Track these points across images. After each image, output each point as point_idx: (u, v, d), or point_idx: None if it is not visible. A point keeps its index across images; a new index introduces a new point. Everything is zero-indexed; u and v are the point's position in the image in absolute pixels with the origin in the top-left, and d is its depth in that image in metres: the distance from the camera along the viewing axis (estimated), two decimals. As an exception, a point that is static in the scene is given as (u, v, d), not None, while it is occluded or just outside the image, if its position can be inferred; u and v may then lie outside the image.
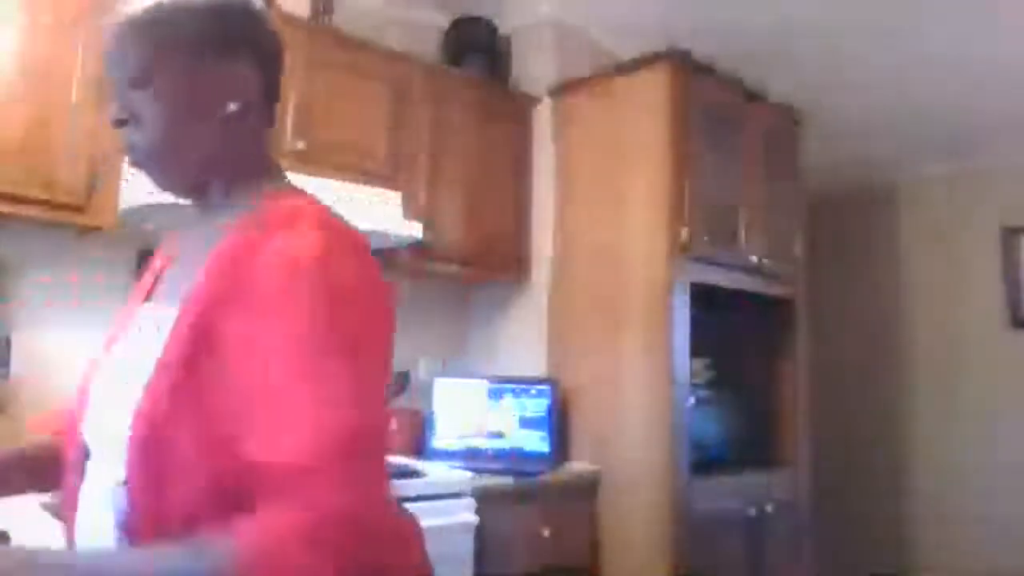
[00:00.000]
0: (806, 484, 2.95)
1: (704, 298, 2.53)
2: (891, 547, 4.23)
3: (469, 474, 2.23)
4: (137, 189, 1.85)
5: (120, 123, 0.79)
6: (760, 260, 2.77)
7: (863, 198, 4.61)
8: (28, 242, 1.98)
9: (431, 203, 2.56)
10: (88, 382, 0.82)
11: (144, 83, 0.77)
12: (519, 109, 2.92)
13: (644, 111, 2.59)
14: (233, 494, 0.65)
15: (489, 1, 2.93)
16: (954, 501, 4.06)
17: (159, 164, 0.80)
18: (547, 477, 2.42)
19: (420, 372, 2.79)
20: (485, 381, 2.63)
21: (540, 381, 2.63)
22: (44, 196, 1.77)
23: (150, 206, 1.87)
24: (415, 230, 2.33)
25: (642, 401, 2.46)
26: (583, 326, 2.67)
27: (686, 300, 2.47)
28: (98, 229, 1.88)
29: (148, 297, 0.88)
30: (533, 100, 2.94)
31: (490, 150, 2.78)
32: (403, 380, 2.64)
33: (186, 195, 0.85)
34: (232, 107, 0.79)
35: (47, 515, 1.34)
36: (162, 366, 0.71)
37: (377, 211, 2.28)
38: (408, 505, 1.40)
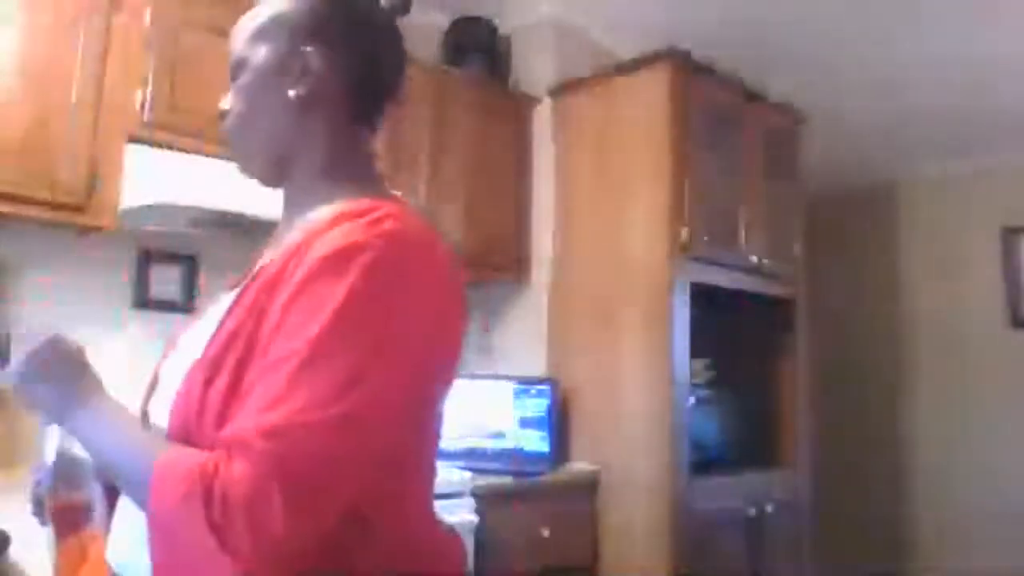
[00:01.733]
0: (806, 484, 2.95)
1: (704, 298, 2.53)
2: (891, 547, 4.23)
3: (469, 474, 2.23)
4: (137, 189, 1.86)
5: (223, 114, 0.85)
6: (760, 260, 2.77)
7: (863, 198, 4.61)
8: (28, 242, 1.98)
9: (431, 203, 2.55)
10: (159, 366, 0.85)
11: (237, 74, 0.84)
12: (519, 109, 2.92)
13: (644, 111, 2.59)
14: None
15: (489, 1, 2.93)
16: (953, 501, 4.06)
17: (238, 142, 0.85)
18: (547, 477, 2.42)
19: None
20: (485, 381, 2.63)
21: (540, 381, 2.63)
22: (44, 196, 1.76)
23: (150, 206, 1.87)
24: (415, 230, 2.33)
25: (642, 401, 2.46)
26: (583, 326, 2.67)
27: (686, 300, 2.47)
28: (98, 229, 1.88)
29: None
30: (533, 100, 2.94)
31: (490, 150, 2.78)
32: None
33: (267, 179, 0.88)
34: (295, 93, 0.81)
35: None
36: (206, 349, 0.73)
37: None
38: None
